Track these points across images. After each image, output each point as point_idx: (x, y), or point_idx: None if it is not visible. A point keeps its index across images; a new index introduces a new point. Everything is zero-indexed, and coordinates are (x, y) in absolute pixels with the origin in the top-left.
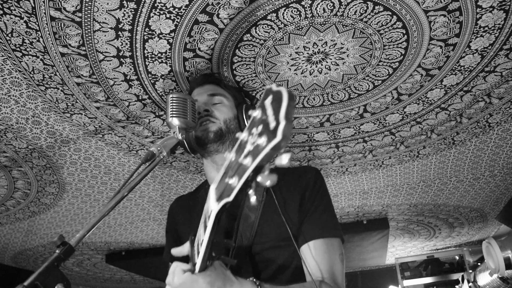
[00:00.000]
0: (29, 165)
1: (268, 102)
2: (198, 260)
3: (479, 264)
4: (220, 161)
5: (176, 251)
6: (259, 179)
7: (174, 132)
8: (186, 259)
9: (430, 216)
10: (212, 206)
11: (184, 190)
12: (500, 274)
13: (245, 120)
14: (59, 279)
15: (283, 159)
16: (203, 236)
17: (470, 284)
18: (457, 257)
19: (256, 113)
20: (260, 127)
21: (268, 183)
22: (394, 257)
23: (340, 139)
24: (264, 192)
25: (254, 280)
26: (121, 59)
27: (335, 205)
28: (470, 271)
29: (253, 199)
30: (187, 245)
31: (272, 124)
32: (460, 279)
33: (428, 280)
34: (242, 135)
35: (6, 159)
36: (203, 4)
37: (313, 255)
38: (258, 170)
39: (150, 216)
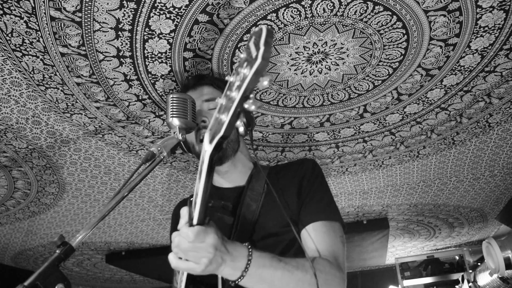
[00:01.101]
0: (29, 165)
1: (251, 43)
2: (196, 213)
3: (479, 264)
4: (223, 170)
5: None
6: (246, 106)
7: (174, 132)
8: None
9: (430, 216)
10: (206, 147)
11: (184, 190)
12: (500, 274)
13: (242, 120)
14: (59, 279)
15: (264, 82)
16: (199, 184)
17: (470, 284)
18: (457, 257)
19: (241, 56)
20: (245, 64)
21: (253, 107)
22: (394, 257)
23: (340, 139)
24: (265, 184)
25: (246, 244)
26: (121, 59)
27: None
28: (470, 271)
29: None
30: (186, 208)
31: (254, 53)
32: (460, 279)
33: (428, 280)
34: (230, 79)
35: (6, 159)
36: (203, 4)
37: (312, 238)
38: (244, 99)
39: (150, 216)
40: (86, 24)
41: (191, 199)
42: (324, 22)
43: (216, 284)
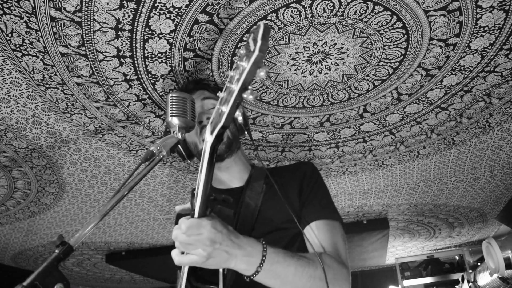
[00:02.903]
0: (29, 165)
1: (250, 39)
2: (197, 204)
3: (479, 264)
4: (225, 166)
5: (179, 207)
6: (244, 95)
7: (174, 131)
8: None
9: (430, 216)
10: (207, 138)
11: (184, 190)
12: (500, 274)
13: (239, 120)
14: (59, 279)
15: (261, 73)
16: (200, 175)
17: (470, 284)
18: (457, 257)
19: (241, 51)
20: (244, 58)
21: (251, 97)
22: (394, 257)
23: (340, 139)
24: (263, 184)
25: (261, 240)
26: (121, 59)
27: (335, 205)
28: (470, 271)
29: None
30: (188, 202)
31: (252, 47)
32: (460, 279)
33: (428, 280)
34: (230, 73)
35: (6, 159)
36: (203, 4)
37: (316, 235)
38: (243, 90)
39: (150, 216)
40: (86, 24)
41: (194, 190)
42: (324, 22)
43: (218, 280)
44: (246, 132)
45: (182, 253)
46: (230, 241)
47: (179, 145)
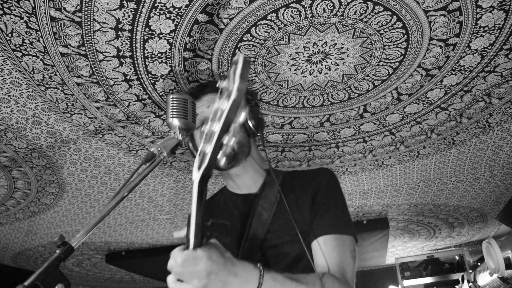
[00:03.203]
0: (29, 165)
1: (231, 71)
2: (191, 236)
3: (479, 264)
4: (234, 173)
5: (176, 234)
6: (224, 141)
7: (174, 133)
8: None
9: (430, 216)
10: (194, 176)
11: (184, 190)
12: (500, 274)
13: (250, 123)
14: (59, 279)
15: (240, 119)
16: (192, 209)
17: (470, 284)
18: (457, 257)
19: (223, 84)
20: (225, 94)
21: (231, 142)
22: (394, 257)
23: (340, 139)
24: (278, 194)
25: (258, 265)
26: (121, 59)
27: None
28: (470, 271)
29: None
30: (185, 228)
31: (231, 87)
32: (460, 279)
33: (428, 280)
34: (215, 106)
35: (6, 159)
36: (203, 4)
37: (323, 251)
38: (224, 132)
39: (150, 216)
40: (86, 24)
41: (189, 219)
42: (324, 22)
43: None
44: (258, 135)
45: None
46: (226, 271)
47: (190, 145)
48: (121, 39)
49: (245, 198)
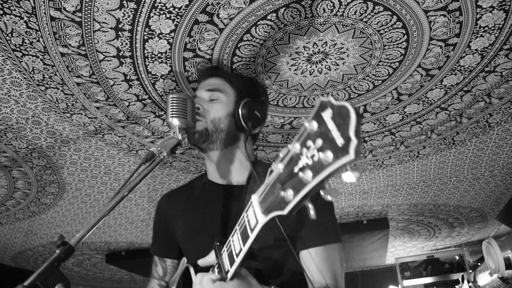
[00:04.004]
0: (29, 165)
1: (327, 115)
2: (232, 269)
3: (479, 264)
4: (214, 158)
5: (203, 262)
6: (322, 193)
7: (174, 132)
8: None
9: (430, 216)
10: (260, 218)
11: None
12: (500, 274)
13: (240, 117)
14: (59, 279)
15: (352, 177)
16: (242, 246)
17: (470, 284)
18: (457, 257)
19: (311, 125)
20: (320, 141)
21: (329, 197)
22: (394, 257)
23: None
24: None
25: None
26: (121, 59)
27: (335, 205)
28: (470, 271)
29: (311, 212)
30: (213, 254)
31: (339, 140)
32: (460, 279)
33: (428, 280)
34: (293, 147)
35: (6, 159)
36: (203, 4)
37: (316, 263)
38: (318, 185)
39: (150, 216)
40: (86, 24)
41: (218, 243)
42: (324, 22)
43: None
44: (255, 130)
45: None
46: None
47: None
48: (121, 39)
49: (225, 189)
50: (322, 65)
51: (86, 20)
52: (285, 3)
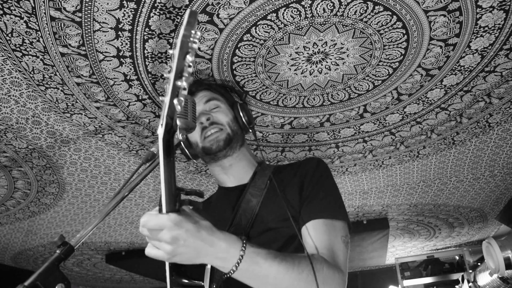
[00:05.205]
0: (29, 165)
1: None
2: (163, 200)
3: (479, 264)
4: (227, 163)
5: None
6: (178, 83)
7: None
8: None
9: (430, 216)
10: (158, 131)
11: None
12: (500, 274)
13: (243, 118)
14: (60, 279)
15: (188, 59)
16: (160, 171)
17: (470, 284)
18: (457, 257)
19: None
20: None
21: (185, 84)
22: (394, 257)
23: (340, 139)
24: (267, 181)
25: (242, 237)
26: (121, 59)
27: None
28: (470, 271)
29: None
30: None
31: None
32: (460, 279)
33: (428, 280)
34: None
35: (6, 159)
36: (203, 4)
37: (311, 236)
38: (177, 78)
39: None
40: (86, 24)
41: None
42: (324, 22)
43: (202, 275)
44: (250, 131)
45: None
46: (197, 238)
47: (183, 146)
48: (121, 39)
49: (237, 189)
50: (322, 65)
51: (86, 20)
52: (285, 3)
